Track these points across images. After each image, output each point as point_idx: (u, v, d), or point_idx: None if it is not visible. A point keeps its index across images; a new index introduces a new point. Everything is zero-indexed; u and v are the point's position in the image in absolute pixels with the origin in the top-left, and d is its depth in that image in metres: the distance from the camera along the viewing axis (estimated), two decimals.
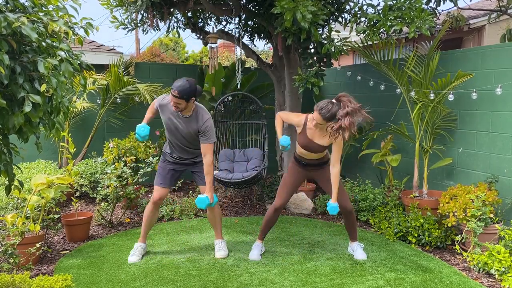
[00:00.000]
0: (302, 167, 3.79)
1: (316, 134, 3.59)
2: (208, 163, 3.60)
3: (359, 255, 3.80)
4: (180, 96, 3.43)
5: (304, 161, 3.76)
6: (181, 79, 3.50)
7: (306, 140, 3.61)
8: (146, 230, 3.90)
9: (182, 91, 3.42)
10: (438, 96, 4.48)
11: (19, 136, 2.27)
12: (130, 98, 6.50)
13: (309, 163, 3.76)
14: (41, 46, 2.26)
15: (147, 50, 20.17)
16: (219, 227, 4.00)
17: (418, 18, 4.33)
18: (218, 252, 3.90)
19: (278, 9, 4.20)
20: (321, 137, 3.58)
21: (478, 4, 9.95)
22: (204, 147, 3.61)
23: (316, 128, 3.56)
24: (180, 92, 3.42)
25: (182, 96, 3.43)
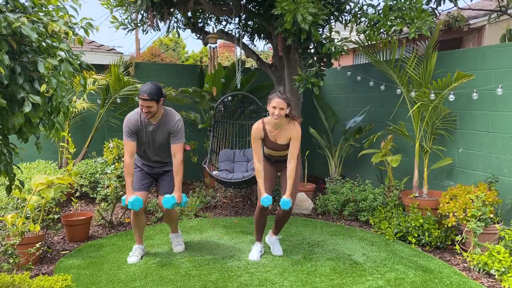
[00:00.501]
0: (272, 163, 3.93)
1: (278, 135, 3.71)
2: (178, 162, 3.68)
3: (276, 251, 3.93)
4: (150, 97, 3.50)
5: (274, 158, 3.90)
6: (145, 84, 3.60)
7: (271, 144, 3.76)
8: (138, 233, 3.89)
9: (151, 92, 3.51)
10: (438, 97, 4.48)
11: (19, 136, 2.27)
12: (130, 98, 6.49)
13: (278, 160, 3.89)
14: (41, 46, 2.26)
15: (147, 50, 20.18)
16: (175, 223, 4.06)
17: (418, 19, 4.33)
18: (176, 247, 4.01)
19: (279, 10, 4.20)
20: (282, 137, 3.71)
21: (478, 4, 9.95)
22: (175, 147, 3.69)
23: (274, 128, 3.69)
24: (150, 94, 3.50)
25: (152, 98, 3.51)
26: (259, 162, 3.72)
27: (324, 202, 5.33)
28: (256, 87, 6.74)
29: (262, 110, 5.52)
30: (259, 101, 5.56)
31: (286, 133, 3.70)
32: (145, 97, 3.50)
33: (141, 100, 3.53)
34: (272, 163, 3.93)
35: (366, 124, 5.98)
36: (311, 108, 7.11)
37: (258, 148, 3.73)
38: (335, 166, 6.16)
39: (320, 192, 5.93)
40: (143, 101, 3.52)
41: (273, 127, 3.70)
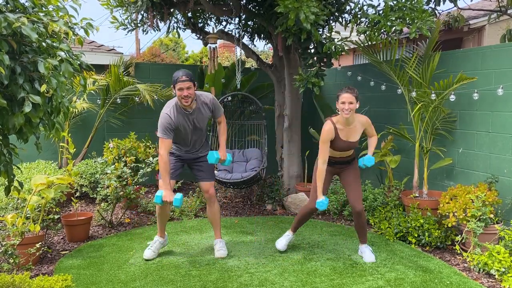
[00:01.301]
0: (331, 165, 3.78)
1: (349, 132, 3.62)
2: (224, 125, 3.87)
3: (367, 258, 3.77)
4: (189, 78, 3.50)
5: (334, 160, 3.76)
6: (177, 71, 3.57)
7: (342, 143, 3.63)
8: (160, 226, 3.92)
9: (188, 74, 3.52)
10: (439, 97, 4.48)
11: (19, 137, 2.27)
12: (130, 99, 6.50)
13: (339, 161, 3.78)
14: (41, 47, 2.26)
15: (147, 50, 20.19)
16: (218, 226, 4.02)
17: (419, 19, 4.33)
18: (218, 251, 3.91)
19: (282, 8, 4.18)
20: (354, 132, 3.63)
21: (478, 4, 9.95)
22: (220, 118, 3.85)
23: (346, 125, 3.59)
24: (187, 75, 3.50)
25: (191, 78, 3.52)
26: (324, 164, 3.59)
27: None
28: (256, 87, 6.74)
29: (262, 110, 5.53)
30: (259, 102, 5.56)
31: (356, 127, 3.61)
32: (184, 79, 3.47)
33: (180, 83, 3.47)
34: (331, 165, 3.76)
35: None
36: (311, 108, 7.11)
37: (327, 150, 3.58)
38: None
39: None
40: (182, 83, 3.46)
41: (344, 125, 3.58)
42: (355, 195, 3.69)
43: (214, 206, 3.93)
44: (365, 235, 3.85)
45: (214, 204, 3.92)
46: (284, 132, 5.92)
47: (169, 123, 3.55)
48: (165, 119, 3.56)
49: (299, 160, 5.95)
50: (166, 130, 3.55)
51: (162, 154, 3.55)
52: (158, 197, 3.54)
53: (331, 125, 3.57)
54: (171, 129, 3.57)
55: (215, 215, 3.96)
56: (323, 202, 3.59)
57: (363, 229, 3.81)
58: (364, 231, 3.82)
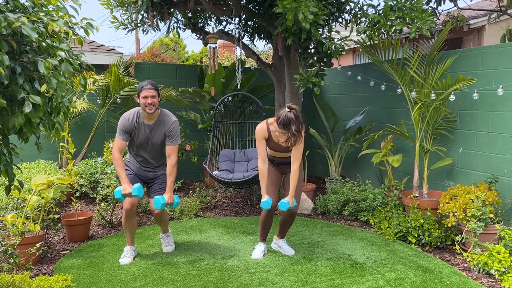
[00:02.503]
0: (276, 166, 3.89)
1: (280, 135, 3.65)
2: (172, 164, 3.70)
3: (288, 251, 3.92)
4: (154, 87, 3.63)
5: (277, 160, 3.87)
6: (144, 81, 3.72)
7: (274, 144, 3.73)
8: (130, 235, 3.84)
9: (153, 83, 3.67)
10: (439, 98, 4.48)
11: (19, 137, 2.27)
12: (130, 98, 6.49)
13: (282, 162, 3.87)
14: (41, 46, 2.26)
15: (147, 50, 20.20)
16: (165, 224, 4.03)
17: (418, 19, 4.33)
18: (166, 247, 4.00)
19: (280, 8, 4.18)
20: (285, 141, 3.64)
21: (478, 4, 9.95)
22: (170, 149, 3.72)
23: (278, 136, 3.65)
24: (153, 84, 3.65)
25: (156, 87, 3.65)
26: (264, 163, 3.70)
27: (324, 202, 5.33)
28: (256, 87, 6.74)
29: (262, 110, 5.53)
30: (259, 101, 5.56)
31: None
32: (149, 87, 3.59)
33: (145, 91, 3.58)
34: (276, 165, 3.90)
35: (366, 124, 5.98)
36: (311, 108, 7.11)
37: (262, 149, 3.70)
38: (335, 166, 6.16)
39: (320, 192, 5.93)
40: (147, 91, 3.58)
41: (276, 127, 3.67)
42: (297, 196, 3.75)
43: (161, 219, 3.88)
44: (285, 231, 3.98)
45: (162, 220, 3.90)
46: None
47: (124, 124, 3.69)
48: (123, 120, 3.71)
49: None
50: (121, 131, 3.69)
51: (113, 153, 3.67)
52: (117, 192, 3.56)
53: (264, 125, 3.70)
54: (125, 131, 3.69)
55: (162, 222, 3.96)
56: (267, 201, 3.65)
57: (288, 225, 3.92)
58: (287, 227, 3.94)
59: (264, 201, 3.66)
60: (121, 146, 3.68)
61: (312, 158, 6.52)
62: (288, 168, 3.82)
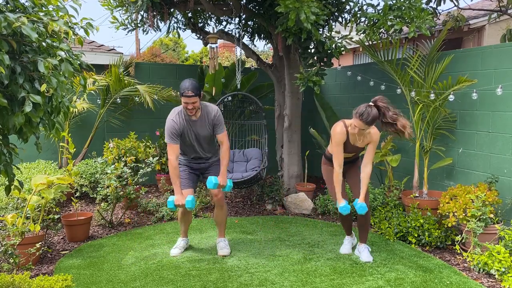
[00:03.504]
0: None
1: (358, 139, 3.62)
2: (225, 148, 3.75)
3: (365, 257, 3.78)
4: (195, 93, 3.51)
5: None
6: (185, 81, 3.58)
7: (350, 146, 3.65)
8: (184, 228, 4.06)
9: (194, 88, 3.52)
10: (439, 98, 4.48)
11: (19, 136, 2.27)
12: (130, 99, 6.50)
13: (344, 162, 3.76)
14: (41, 46, 2.26)
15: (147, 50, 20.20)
16: (224, 227, 4.07)
17: (418, 18, 4.33)
18: (222, 250, 3.94)
19: (282, 8, 4.17)
20: (362, 141, 3.63)
21: (478, 4, 9.95)
22: (221, 136, 3.78)
23: (358, 133, 3.56)
24: (193, 89, 3.51)
25: (197, 93, 3.53)
26: (340, 167, 3.61)
27: (324, 202, 5.33)
28: (256, 87, 6.74)
29: (262, 110, 5.53)
30: (259, 101, 5.56)
31: (366, 137, 3.62)
32: (190, 94, 3.50)
33: (185, 97, 3.51)
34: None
35: None
36: (311, 108, 7.11)
37: (341, 153, 3.60)
38: None
39: (320, 192, 5.93)
40: (188, 98, 3.51)
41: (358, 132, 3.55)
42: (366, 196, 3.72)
43: (222, 210, 3.95)
44: (366, 234, 3.86)
45: (223, 207, 3.94)
46: (284, 132, 5.92)
47: (174, 128, 3.63)
48: (170, 124, 3.64)
49: (299, 160, 5.95)
50: (172, 135, 3.62)
51: (170, 159, 3.62)
52: (170, 202, 3.64)
53: (344, 129, 3.60)
54: (177, 134, 3.64)
55: (223, 218, 4.01)
56: (346, 206, 3.64)
57: (366, 228, 3.83)
58: (366, 230, 3.84)
59: (343, 206, 3.62)
60: (176, 150, 3.63)
61: (312, 158, 6.52)
62: (349, 167, 3.80)
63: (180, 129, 3.65)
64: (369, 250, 3.85)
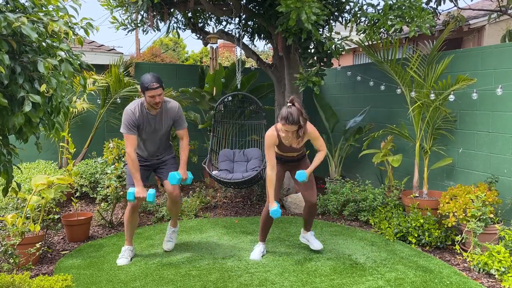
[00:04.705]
0: (282, 163, 3.86)
1: (292, 139, 3.61)
2: (185, 143, 3.81)
3: (316, 245, 3.91)
4: (160, 84, 3.49)
5: (284, 158, 3.84)
6: (145, 75, 3.53)
7: (286, 148, 3.71)
8: (130, 233, 3.85)
9: (158, 80, 3.51)
10: (439, 98, 4.48)
11: (19, 137, 2.27)
12: (130, 99, 6.49)
13: (289, 160, 3.84)
14: (41, 46, 2.26)
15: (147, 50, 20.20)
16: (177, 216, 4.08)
17: (418, 18, 4.33)
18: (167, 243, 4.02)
19: (283, 8, 4.16)
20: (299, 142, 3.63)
21: (478, 4, 9.95)
22: (182, 132, 3.80)
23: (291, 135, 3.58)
24: (158, 81, 3.49)
25: (161, 85, 3.51)
26: (272, 170, 3.61)
27: (324, 202, 5.33)
28: (256, 87, 6.74)
29: (262, 110, 5.53)
30: (259, 101, 5.56)
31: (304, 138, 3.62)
32: (155, 86, 3.45)
33: (152, 90, 3.45)
34: (283, 163, 3.85)
35: (366, 124, 5.98)
36: (311, 108, 7.11)
37: (272, 155, 3.62)
38: (335, 166, 6.16)
39: (320, 192, 5.92)
40: (154, 90, 3.46)
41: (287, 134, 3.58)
42: (310, 190, 3.77)
43: (176, 205, 3.91)
44: (311, 224, 3.97)
45: (177, 204, 3.90)
46: None
47: (132, 119, 3.56)
48: (128, 115, 3.56)
49: None
50: (129, 126, 3.55)
51: (128, 151, 3.54)
52: (130, 194, 3.52)
53: (274, 132, 3.60)
54: (134, 125, 3.57)
55: (177, 212, 4.01)
56: (277, 210, 3.56)
57: (312, 219, 3.93)
58: (312, 221, 3.95)
59: (274, 209, 3.56)
60: (133, 142, 3.55)
61: (312, 158, 6.52)
62: (295, 166, 3.82)
63: (138, 121, 3.57)
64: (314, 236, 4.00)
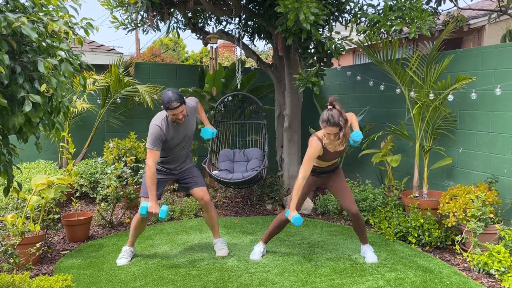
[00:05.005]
0: (316, 175, 3.74)
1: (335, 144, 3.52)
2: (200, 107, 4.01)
3: (369, 258, 3.76)
4: (181, 102, 3.48)
5: (319, 169, 3.71)
6: (165, 93, 3.52)
7: (331, 155, 3.57)
8: (134, 237, 3.86)
9: (178, 97, 3.47)
10: (439, 98, 4.48)
11: (19, 136, 2.27)
12: (130, 99, 6.49)
13: (324, 171, 3.73)
14: (41, 46, 2.26)
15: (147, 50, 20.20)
16: (217, 227, 4.03)
17: (418, 19, 4.33)
18: (220, 250, 3.92)
19: (282, 8, 4.17)
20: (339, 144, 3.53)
21: (478, 4, 9.95)
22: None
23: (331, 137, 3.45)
24: (177, 99, 3.46)
25: (181, 101, 3.49)
26: (304, 179, 3.49)
27: (324, 202, 5.33)
28: (256, 87, 6.74)
29: (262, 110, 5.53)
30: (259, 101, 5.56)
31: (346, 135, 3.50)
32: (176, 105, 3.45)
33: (173, 110, 3.46)
34: (317, 175, 3.73)
35: (366, 124, 5.98)
36: (311, 108, 7.11)
37: (309, 166, 3.49)
38: None
39: (320, 192, 5.93)
40: (175, 110, 3.47)
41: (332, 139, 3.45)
42: (348, 199, 3.68)
43: (210, 212, 3.89)
44: (364, 235, 3.85)
45: (211, 210, 3.88)
46: (284, 132, 5.92)
47: (160, 135, 3.55)
48: (156, 130, 3.55)
49: (299, 160, 5.95)
50: (156, 142, 3.54)
51: (150, 165, 3.51)
52: (143, 208, 3.53)
53: (319, 142, 3.47)
54: (161, 140, 3.56)
55: (213, 220, 3.96)
56: (299, 218, 3.48)
57: (362, 230, 3.81)
58: (363, 232, 3.82)
59: (297, 217, 3.47)
60: (156, 157, 3.55)
61: None
62: (327, 177, 3.76)
63: (166, 135, 3.57)
64: (372, 250, 3.84)
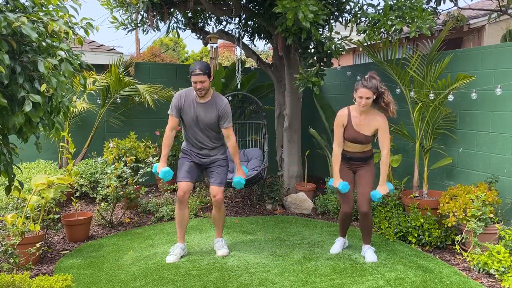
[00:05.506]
0: (346, 162, 3.81)
1: (362, 124, 3.62)
2: (233, 144, 3.85)
3: (369, 258, 3.77)
4: (203, 71, 3.61)
5: (348, 154, 3.78)
6: (194, 63, 3.69)
7: (353, 133, 3.67)
8: (181, 230, 3.88)
9: (202, 67, 3.62)
10: (439, 97, 4.48)
11: (19, 136, 2.27)
12: (131, 98, 6.50)
13: (353, 157, 3.78)
14: (41, 46, 2.26)
15: (147, 50, 20.21)
16: (221, 228, 4.04)
17: (418, 18, 4.33)
18: (220, 250, 3.92)
19: (280, 8, 4.18)
20: (367, 127, 3.64)
21: (478, 4, 9.95)
22: (226, 131, 3.83)
23: (361, 116, 3.61)
24: (201, 68, 3.61)
25: (205, 72, 3.62)
26: (339, 146, 3.70)
27: (324, 202, 5.33)
28: (256, 87, 6.74)
29: (262, 110, 5.53)
30: (259, 101, 5.56)
31: (371, 123, 3.62)
32: (197, 72, 3.60)
33: (194, 76, 3.61)
34: (347, 161, 3.79)
35: None
36: (311, 108, 7.11)
37: (339, 132, 3.69)
38: None
39: (320, 192, 5.93)
40: (196, 77, 3.61)
41: (358, 113, 3.64)
42: (363, 197, 3.72)
43: (220, 211, 3.92)
44: (369, 237, 3.86)
45: (221, 209, 3.90)
46: (284, 132, 5.92)
47: (177, 100, 3.77)
48: (175, 96, 3.81)
49: (299, 160, 5.95)
50: (173, 107, 3.78)
51: (166, 129, 3.83)
52: (155, 167, 3.82)
53: (345, 111, 3.69)
54: (177, 107, 3.77)
55: (220, 220, 3.98)
56: (345, 184, 3.66)
57: (368, 230, 3.83)
58: (368, 232, 3.84)
59: (343, 183, 3.65)
60: (172, 123, 3.80)
61: (312, 158, 6.52)
62: (359, 166, 3.80)
63: (181, 103, 3.75)
64: (373, 251, 3.85)
